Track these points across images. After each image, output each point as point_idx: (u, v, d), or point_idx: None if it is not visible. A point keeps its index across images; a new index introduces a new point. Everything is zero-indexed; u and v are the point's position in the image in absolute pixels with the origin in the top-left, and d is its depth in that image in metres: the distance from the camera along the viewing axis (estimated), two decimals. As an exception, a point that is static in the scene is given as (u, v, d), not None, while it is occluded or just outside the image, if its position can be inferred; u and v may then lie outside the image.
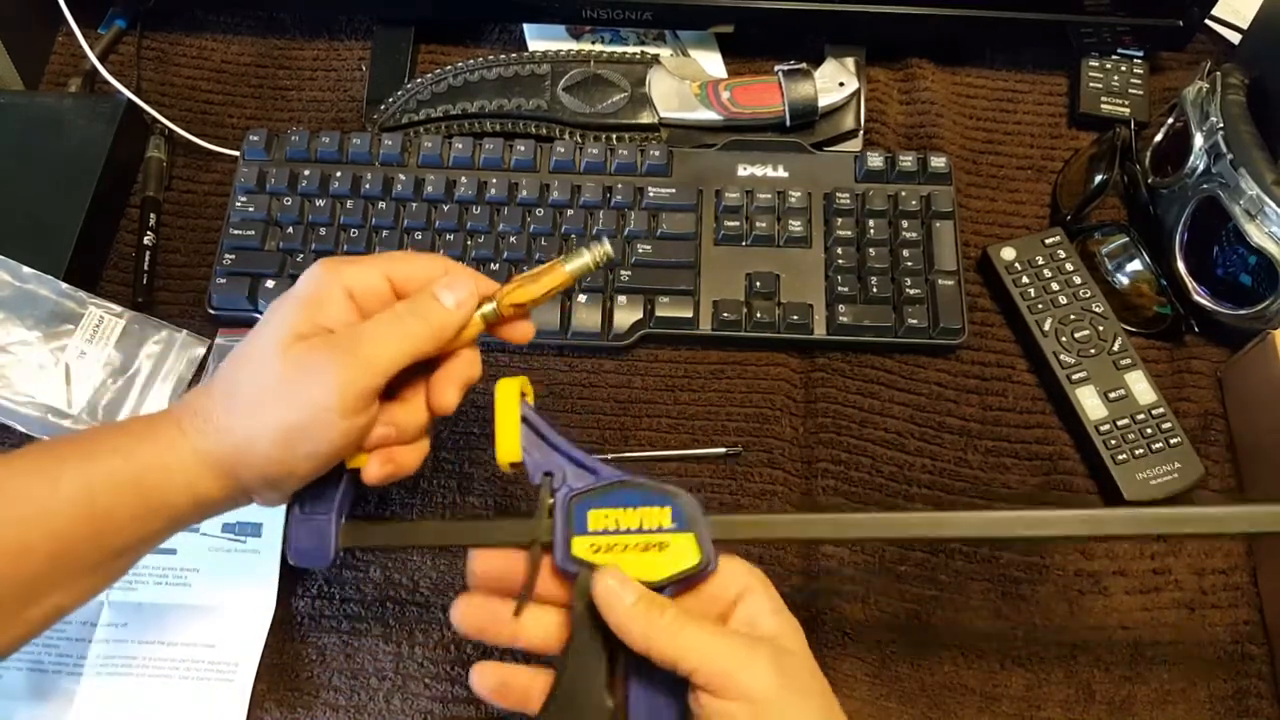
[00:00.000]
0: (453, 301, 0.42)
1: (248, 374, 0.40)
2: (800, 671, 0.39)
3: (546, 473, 0.43)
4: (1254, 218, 0.56)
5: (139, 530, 0.39)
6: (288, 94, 0.71)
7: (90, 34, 0.71)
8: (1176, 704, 0.53)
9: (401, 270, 0.43)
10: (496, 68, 0.68)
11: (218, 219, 0.65)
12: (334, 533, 0.44)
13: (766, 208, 0.63)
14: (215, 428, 0.40)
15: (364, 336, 0.41)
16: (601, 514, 0.42)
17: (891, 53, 0.72)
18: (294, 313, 0.41)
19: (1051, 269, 0.62)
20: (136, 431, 0.40)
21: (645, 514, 0.42)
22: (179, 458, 0.39)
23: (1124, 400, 0.58)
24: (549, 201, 0.63)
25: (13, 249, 0.59)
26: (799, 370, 0.61)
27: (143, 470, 0.39)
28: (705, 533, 0.41)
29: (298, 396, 0.39)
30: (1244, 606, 0.55)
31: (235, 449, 0.40)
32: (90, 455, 0.39)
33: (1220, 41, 0.72)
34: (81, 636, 0.53)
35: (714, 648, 0.38)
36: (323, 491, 0.44)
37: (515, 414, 0.44)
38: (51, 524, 0.38)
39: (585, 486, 0.43)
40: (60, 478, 0.38)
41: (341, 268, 0.42)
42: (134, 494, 0.39)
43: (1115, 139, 0.64)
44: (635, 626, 0.39)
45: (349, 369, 0.39)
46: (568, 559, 0.42)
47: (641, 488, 0.42)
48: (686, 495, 0.42)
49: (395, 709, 0.52)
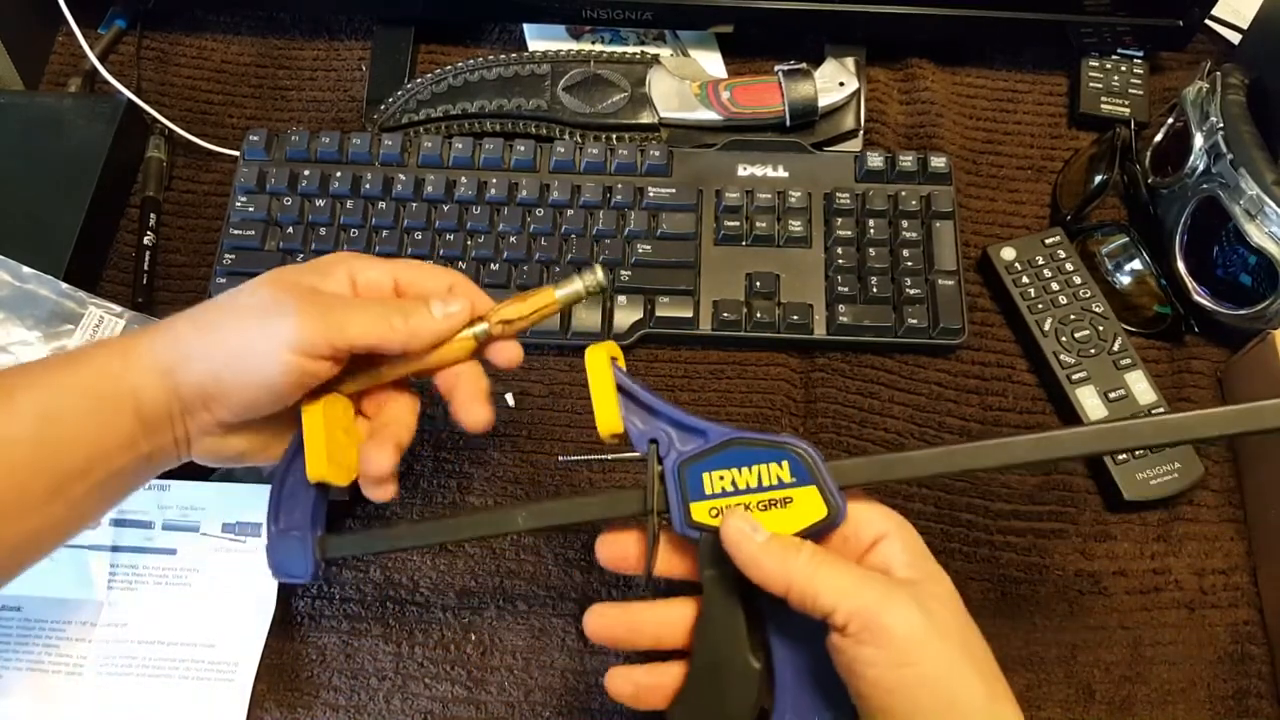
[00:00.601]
0: (440, 312, 0.43)
1: (226, 298, 0.42)
2: (944, 614, 0.37)
3: (651, 440, 0.42)
4: (1254, 218, 0.56)
5: (91, 446, 0.40)
6: (288, 94, 0.71)
7: (90, 34, 0.71)
8: (1176, 704, 0.53)
9: (409, 276, 0.44)
10: (496, 68, 0.68)
11: (218, 219, 0.65)
12: (310, 547, 0.44)
13: (766, 208, 0.63)
14: (173, 333, 0.41)
15: (342, 303, 0.42)
16: (716, 476, 0.40)
17: (891, 53, 0.72)
18: (295, 270, 0.43)
19: (1051, 269, 0.62)
20: (92, 344, 0.42)
21: (762, 470, 0.40)
22: (127, 361, 0.40)
23: (1124, 400, 0.58)
24: (549, 201, 0.63)
25: (13, 249, 0.59)
26: (799, 370, 0.61)
27: (96, 376, 0.40)
28: (829, 482, 0.39)
29: (259, 320, 0.40)
30: (1244, 606, 0.55)
31: (183, 354, 0.41)
32: (48, 368, 0.41)
33: (1220, 41, 0.72)
34: (82, 636, 0.53)
35: (854, 585, 0.37)
36: (294, 506, 0.44)
37: (610, 382, 0.42)
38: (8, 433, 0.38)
39: (694, 450, 0.41)
40: (16, 390, 0.39)
41: (353, 257, 0.44)
42: (84, 399, 0.40)
43: (1115, 139, 0.64)
44: (770, 562, 0.38)
45: (315, 319, 0.40)
46: (686, 524, 0.40)
47: (754, 444, 0.40)
48: (803, 446, 0.40)
49: (395, 709, 0.52)
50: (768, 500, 0.40)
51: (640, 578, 0.43)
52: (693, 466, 0.41)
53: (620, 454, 0.43)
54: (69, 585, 0.54)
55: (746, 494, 0.40)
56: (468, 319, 0.44)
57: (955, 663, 0.36)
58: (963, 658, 0.36)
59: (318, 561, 0.44)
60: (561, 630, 0.54)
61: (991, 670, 0.37)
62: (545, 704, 0.53)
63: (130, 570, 0.54)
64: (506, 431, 0.59)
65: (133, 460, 0.41)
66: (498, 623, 0.54)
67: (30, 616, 0.53)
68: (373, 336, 0.41)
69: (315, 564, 0.44)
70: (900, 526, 0.40)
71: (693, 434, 0.41)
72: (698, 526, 0.40)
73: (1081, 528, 0.57)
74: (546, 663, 0.54)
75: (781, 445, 0.40)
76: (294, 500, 0.44)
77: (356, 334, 0.41)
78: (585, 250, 0.61)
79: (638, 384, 0.42)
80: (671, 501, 0.41)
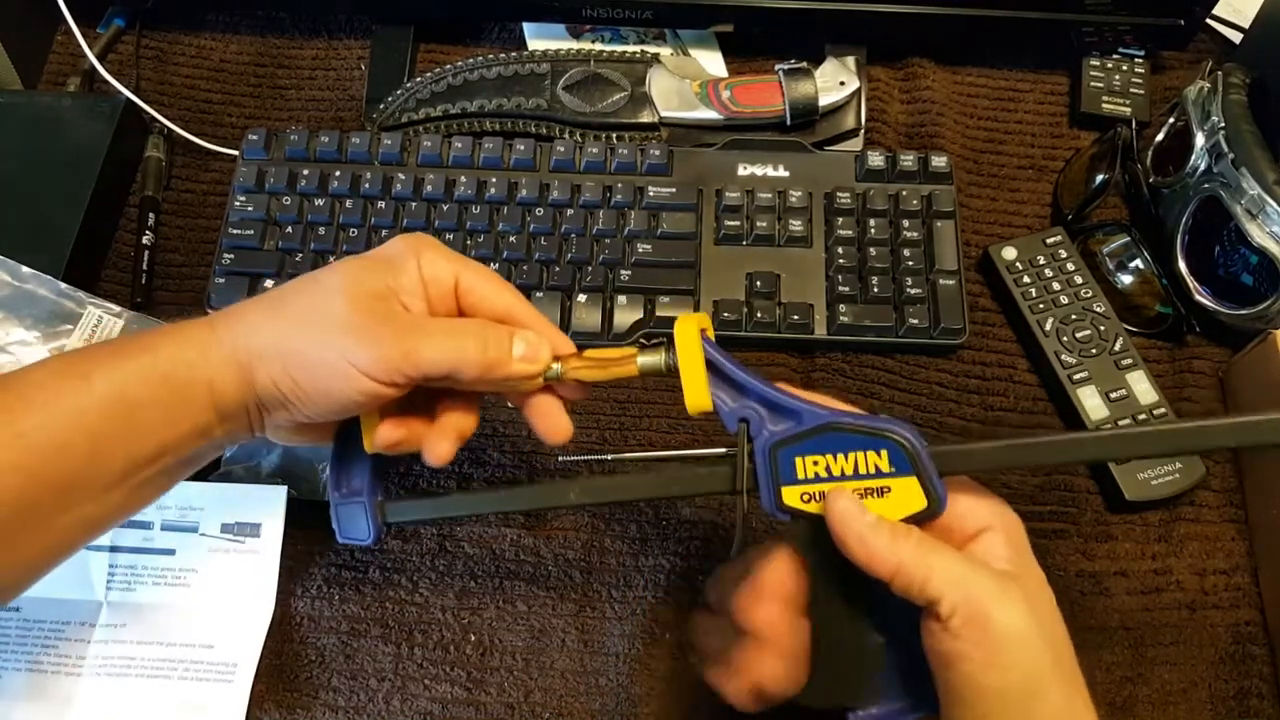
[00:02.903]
0: (521, 353, 0.42)
1: (304, 296, 0.41)
2: (1042, 615, 0.36)
3: (742, 419, 0.40)
4: (1255, 217, 0.56)
5: (165, 434, 0.40)
6: (287, 93, 0.71)
7: (89, 33, 0.71)
8: (1178, 705, 0.53)
9: (471, 280, 0.43)
10: (496, 67, 0.68)
11: (217, 218, 0.65)
12: (371, 511, 0.45)
13: (767, 207, 0.63)
14: (248, 325, 0.40)
15: (417, 328, 0.41)
16: (810, 460, 0.39)
17: (892, 52, 0.71)
18: (369, 269, 0.41)
19: (1053, 269, 0.62)
20: (167, 331, 0.41)
21: (859, 458, 0.38)
22: (203, 353, 0.40)
23: (1125, 400, 0.58)
24: (549, 201, 0.63)
25: (12, 249, 0.59)
26: (799, 370, 0.61)
27: (170, 365, 0.39)
28: (931, 472, 0.38)
29: (334, 338, 0.39)
30: (1245, 607, 0.55)
31: (260, 347, 0.40)
32: (120, 353, 0.40)
33: (1221, 41, 0.72)
34: (80, 637, 0.53)
35: (964, 575, 0.36)
36: (354, 474, 0.45)
37: (699, 356, 0.40)
38: (85, 420, 0.38)
39: (788, 432, 0.39)
40: (92, 374, 0.39)
41: (422, 248, 0.43)
42: (161, 388, 0.39)
43: (1116, 138, 0.64)
44: (880, 542, 0.37)
45: (389, 346, 0.39)
46: (777, 506, 0.39)
47: (853, 430, 0.38)
48: (905, 434, 0.38)
49: (395, 709, 0.52)
50: (864, 489, 0.38)
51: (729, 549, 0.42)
52: (785, 450, 0.39)
53: (620, 454, 0.43)
54: (67, 586, 0.54)
55: (841, 481, 0.39)
56: (546, 368, 0.43)
57: (1043, 669, 0.36)
58: (1051, 664, 0.36)
59: (379, 525, 0.45)
60: (561, 630, 0.54)
61: (1072, 674, 0.37)
62: (545, 704, 0.53)
63: (129, 571, 0.54)
64: (506, 431, 0.59)
65: (205, 446, 0.42)
66: (498, 623, 0.54)
67: (29, 617, 0.53)
68: (445, 366, 0.40)
69: (378, 527, 0.45)
70: (1005, 520, 0.39)
71: (785, 414, 0.40)
72: (789, 510, 0.39)
73: (1083, 528, 0.57)
74: (546, 663, 0.54)
75: (882, 433, 0.38)
76: (352, 468, 0.45)
77: (430, 365, 0.40)
78: (585, 250, 0.61)
79: (728, 359, 0.40)
80: (761, 482, 0.40)
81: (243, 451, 0.57)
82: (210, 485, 0.55)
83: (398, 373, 0.40)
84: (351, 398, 0.40)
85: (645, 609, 0.55)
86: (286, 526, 0.54)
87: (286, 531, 0.54)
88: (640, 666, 0.53)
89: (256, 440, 0.44)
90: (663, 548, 0.56)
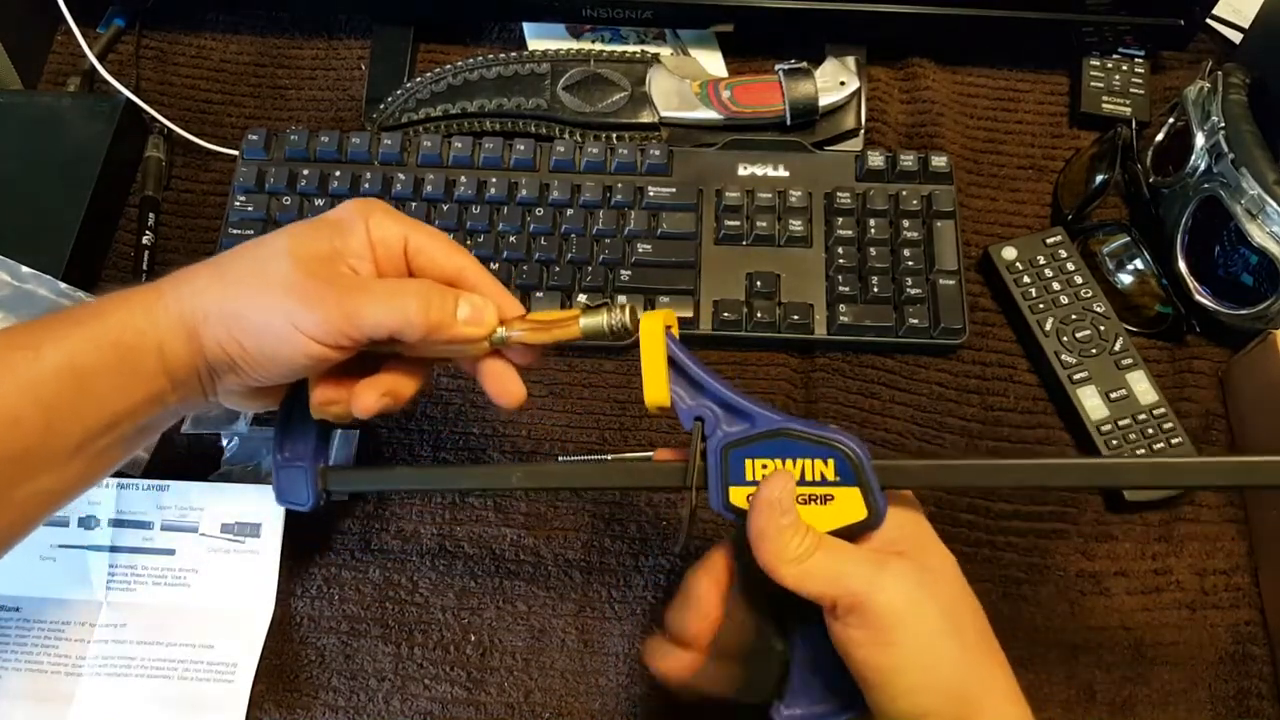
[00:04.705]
0: (465, 315, 0.42)
1: (250, 259, 0.41)
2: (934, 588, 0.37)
3: (697, 418, 0.41)
4: (1255, 217, 0.56)
5: (119, 402, 0.40)
6: (287, 93, 0.71)
7: (89, 33, 0.71)
8: (1178, 705, 0.53)
9: (420, 241, 0.43)
10: (496, 67, 0.68)
11: (217, 218, 0.65)
12: (313, 477, 0.46)
13: (767, 207, 0.63)
14: (193, 289, 0.40)
15: (360, 289, 0.41)
16: (759, 464, 0.40)
17: (892, 52, 0.71)
18: (316, 232, 0.41)
19: (1053, 269, 0.62)
20: (115, 297, 0.41)
21: (806, 465, 0.39)
22: (151, 317, 0.40)
23: (1125, 400, 0.58)
24: (549, 201, 0.63)
25: (12, 248, 0.59)
26: (799, 370, 0.61)
27: (120, 330, 0.39)
28: (874, 486, 0.39)
29: (278, 301, 0.39)
30: (1245, 607, 0.55)
31: (205, 310, 0.40)
32: (69, 322, 0.40)
33: (1221, 41, 0.72)
34: (80, 637, 0.53)
35: (842, 569, 0.37)
36: (298, 438, 0.46)
37: (662, 353, 0.41)
38: (38, 392, 0.38)
39: (740, 434, 0.40)
40: (42, 345, 0.38)
41: (371, 211, 0.43)
42: (112, 354, 0.39)
43: (1116, 138, 0.64)
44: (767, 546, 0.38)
45: (333, 307, 0.39)
46: (724, 505, 0.40)
47: (802, 438, 0.39)
48: (851, 446, 0.39)
49: (395, 710, 0.52)
50: (808, 495, 0.39)
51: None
52: (737, 451, 0.40)
53: (621, 455, 0.43)
54: (67, 585, 0.54)
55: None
56: (492, 331, 0.43)
57: (939, 638, 0.36)
58: (948, 631, 0.37)
59: (319, 492, 0.46)
60: (561, 631, 0.54)
61: (978, 640, 0.38)
62: (545, 704, 0.53)
63: (129, 571, 0.54)
64: (506, 431, 0.59)
65: (160, 412, 0.42)
66: (497, 623, 0.54)
67: (29, 617, 0.53)
68: (388, 327, 0.40)
69: (317, 494, 0.46)
70: (898, 503, 0.40)
71: (740, 417, 0.41)
72: (735, 510, 0.40)
73: (1083, 528, 0.57)
74: (546, 663, 0.54)
75: (830, 443, 0.39)
76: (298, 433, 0.46)
77: (372, 327, 0.40)
78: (585, 250, 0.61)
79: (690, 358, 0.41)
80: (711, 481, 0.41)
81: (243, 451, 0.57)
82: (210, 485, 0.55)
83: (341, 334, 0.40)
84: (297, 360, 0.40)
85: (645, 609, 0.55)
86: (286, 526, 0.54)
87: (286, 531, 0.54)
88: (640, 666, 0.53)
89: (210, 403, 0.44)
90: (663, 548, 0.56)
